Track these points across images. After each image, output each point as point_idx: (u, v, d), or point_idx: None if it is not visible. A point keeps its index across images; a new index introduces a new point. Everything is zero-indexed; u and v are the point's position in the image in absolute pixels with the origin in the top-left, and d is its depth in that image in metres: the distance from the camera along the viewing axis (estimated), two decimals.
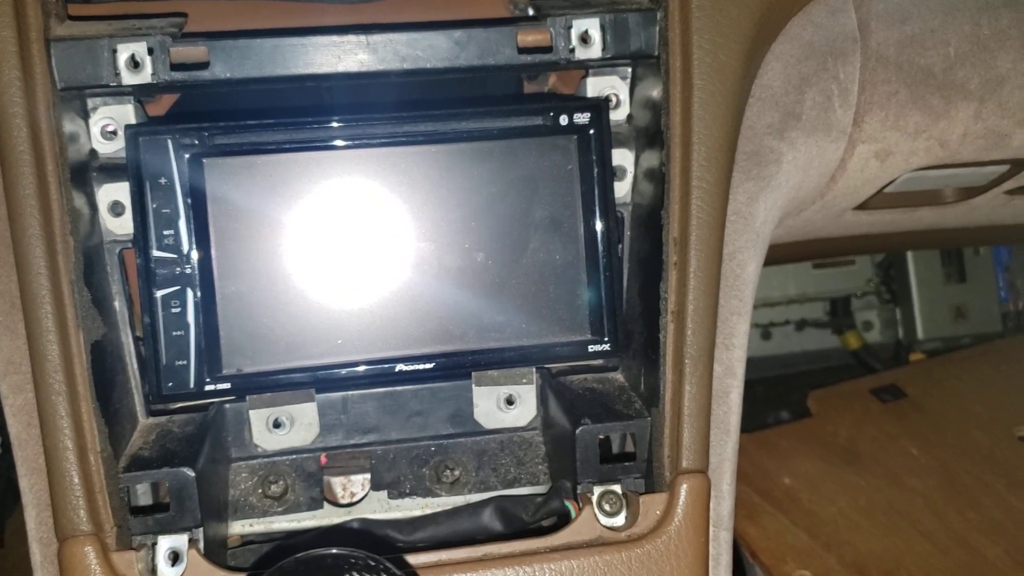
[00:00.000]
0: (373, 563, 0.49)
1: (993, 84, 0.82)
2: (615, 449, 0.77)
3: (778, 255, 1.53)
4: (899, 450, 1.52)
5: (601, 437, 0.74)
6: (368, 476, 0.79)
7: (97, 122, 0.73)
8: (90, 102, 0.73)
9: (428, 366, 0.73)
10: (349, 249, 0.73)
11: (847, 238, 1.20)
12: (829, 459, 1.50)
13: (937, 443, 1.53)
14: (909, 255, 2.07)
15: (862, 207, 0.97)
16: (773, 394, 2.05)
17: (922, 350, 2.10)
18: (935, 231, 1.24)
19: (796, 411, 1.79)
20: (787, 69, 0.78)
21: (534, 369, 0.78)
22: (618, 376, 0.80)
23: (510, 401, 0.79)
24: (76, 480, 0.65)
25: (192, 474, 0.67)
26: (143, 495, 0.70)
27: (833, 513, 1.40)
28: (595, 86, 0.79)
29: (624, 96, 0.79)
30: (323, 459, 0.79)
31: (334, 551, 0.50)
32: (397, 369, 0.73)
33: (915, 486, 1.45)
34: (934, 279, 2.10)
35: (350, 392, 0.78)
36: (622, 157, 0.78)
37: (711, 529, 0.72)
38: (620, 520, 0.71)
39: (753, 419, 1.87)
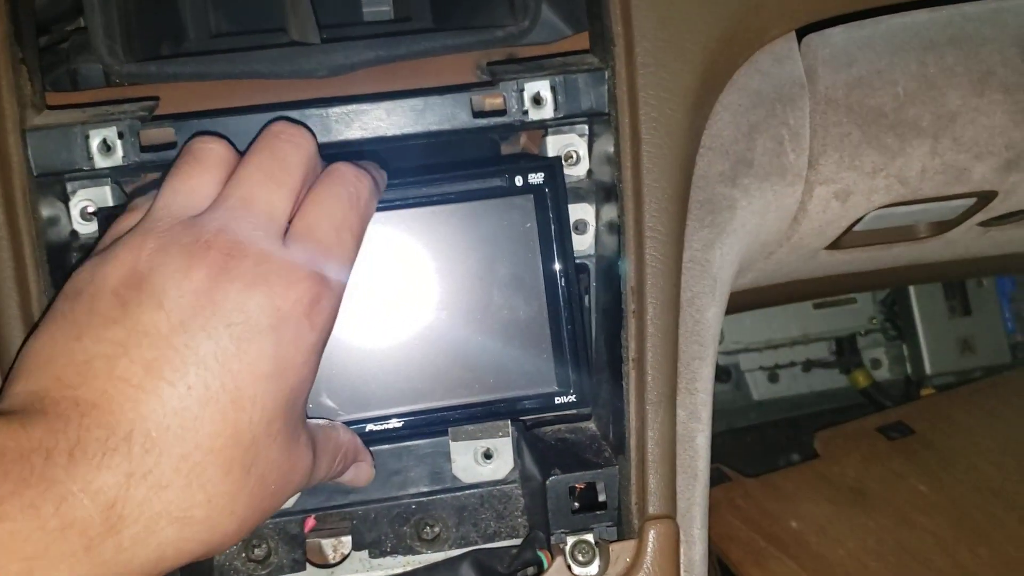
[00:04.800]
0: None
1: (945, 120, 0.84)
2: (602, 498, 0.78)
3: (771, 297, 1.53)
4: (908, 488, 1.50)
5: (581, 486, 0.75)
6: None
7: (76, 204, 0.77)
8: (69, 186, 0.76)
9: (397, 424, 0.75)
10: None
11: (836, 276, 1.20)
12: (837, 500, 1.49)
13: (946, 479, 1.51)
14: (912, 290, 2.06)
15: (835, 246, 0.99)
16: (784, 437, 2.04)
17: (933, 385, 2.08)
18: (922, 266, 1.25)
19: (807, 453, 1.78)
20: (736, 118, 0.80)
21: (509, 422, 0.80)
22: (591, 425, 0.81)
23: (488, 455, 0.80)
24: None
25: None
26: None
27: (842, 555, 1.38)
28: (554, 144, 0.82)
29: (583, 152, 0.81)
30: (311, 523, 0.81)
31: None
32: (367, 430, 0.74)
33: (925, 524, 1.43)
34: (938, 313, 2.08)
35: None
36: (584, 211, 0.81)
37: (683, 574, 0.73)
38: (593, 569, 0.72)
39: (764, 463, 1.86)
